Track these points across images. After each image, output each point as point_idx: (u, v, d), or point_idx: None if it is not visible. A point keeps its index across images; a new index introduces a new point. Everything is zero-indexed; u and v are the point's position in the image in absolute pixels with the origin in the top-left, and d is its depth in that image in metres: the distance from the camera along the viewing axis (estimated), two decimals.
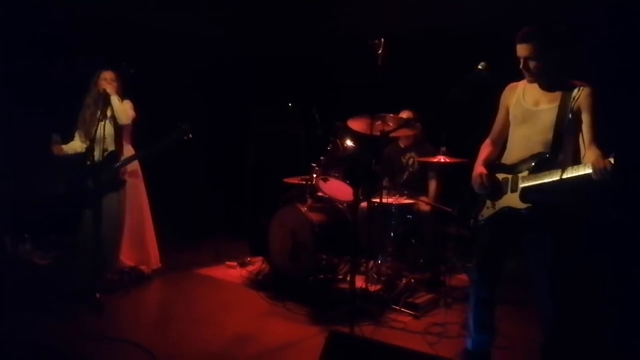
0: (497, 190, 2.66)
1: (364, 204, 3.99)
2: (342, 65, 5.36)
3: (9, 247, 4.67)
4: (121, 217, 4.09)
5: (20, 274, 4.33)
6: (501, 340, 3.11)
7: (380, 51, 3.37)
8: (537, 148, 2.55)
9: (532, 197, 2.51)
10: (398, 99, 4.36)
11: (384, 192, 4.09)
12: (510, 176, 2.61)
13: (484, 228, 2.75)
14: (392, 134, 3.98)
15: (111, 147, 4.03)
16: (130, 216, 4.20)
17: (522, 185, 2.54)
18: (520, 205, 2.54)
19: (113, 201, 3.96)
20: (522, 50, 2.52)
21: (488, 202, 2.71)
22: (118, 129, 4.07)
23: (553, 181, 2.39)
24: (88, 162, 3.84)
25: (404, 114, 4.34)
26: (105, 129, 3.91)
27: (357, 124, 3.95)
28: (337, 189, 4.19)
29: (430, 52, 4.99)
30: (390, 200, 4.12)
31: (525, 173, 2.54)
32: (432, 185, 4.40)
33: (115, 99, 3.96)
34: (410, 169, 4.52)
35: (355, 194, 3.60)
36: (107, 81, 3.99)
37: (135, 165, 4.23)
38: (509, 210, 2.60)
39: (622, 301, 3.79)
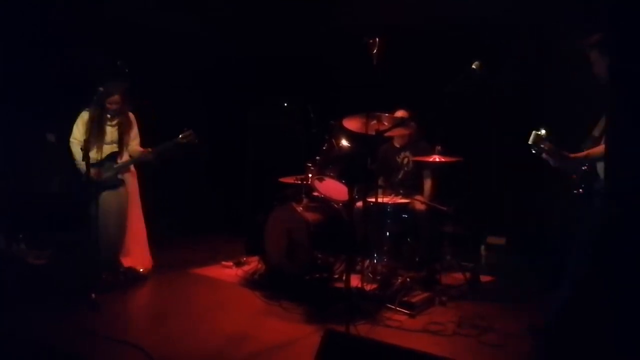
0: None
1: (359, 204, 4.00)
2: (341, 65, 5.37)
3: (3, 245, 4.71)
4: (125, 217, 4.21)
5: (15, 272, 4.34)
6: (496, 338, 3.12)
7: (375, 50, 3.38)
8: None
9: None
10: (395, 98, 4.37)
11: (380, 191, 4.10)
12: None
13: None
14: (387, 134, 4.00)
15: (116, 149, 4.18)
16: (129, 216, 4.26)
17: None
18: None
19: (117, 200, 4.10)
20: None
21: None
22: (122, 134, 4.20)
23: None
24: (89, 161, 3.91)
25: (399, 113, 4.34)
26: (111, 135, 4.15)
27: (352, 124, 3.95)
28: (333, 188, 4.20)
29: (427, 51, 5.00)
30: (385, 199, 4.13)
31: None
32: (428, 184, 4.40)
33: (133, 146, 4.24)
34: (406, 169, 4.53)
35: (350, 193, 3.60)
36: (112, 105, 4.11)
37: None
38: None
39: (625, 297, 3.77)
